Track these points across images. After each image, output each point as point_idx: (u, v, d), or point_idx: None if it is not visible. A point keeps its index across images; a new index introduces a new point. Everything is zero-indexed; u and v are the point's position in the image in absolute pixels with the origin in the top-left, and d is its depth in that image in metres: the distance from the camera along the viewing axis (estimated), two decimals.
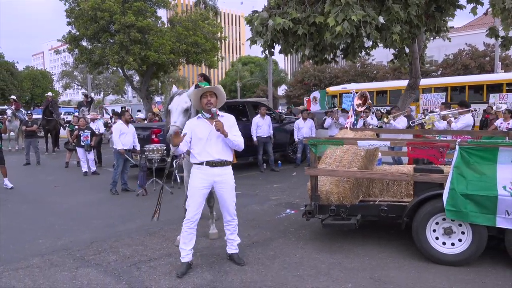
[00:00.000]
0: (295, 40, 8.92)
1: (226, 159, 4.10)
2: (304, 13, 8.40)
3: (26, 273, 4.18)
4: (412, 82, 11.89)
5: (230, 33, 78.70)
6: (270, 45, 9.24)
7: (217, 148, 4.04)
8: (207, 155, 4.02)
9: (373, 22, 7.79)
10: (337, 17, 7.60)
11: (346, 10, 7.57)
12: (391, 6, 7.99)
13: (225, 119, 4.10)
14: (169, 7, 21.80)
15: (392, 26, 8.17)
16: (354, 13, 7.47)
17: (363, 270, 4.09)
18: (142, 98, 23.59)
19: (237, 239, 4.35)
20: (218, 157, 4.03)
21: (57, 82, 55.65)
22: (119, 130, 8.02)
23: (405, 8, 8.32)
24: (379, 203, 4.88)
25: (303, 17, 8.37)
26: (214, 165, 4.03)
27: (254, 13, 9.34)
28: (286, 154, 12.25)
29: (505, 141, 4.66)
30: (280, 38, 8.94)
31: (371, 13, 7.79)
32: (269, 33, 8.58)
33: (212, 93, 4.10)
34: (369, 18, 7.75)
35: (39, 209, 7.05)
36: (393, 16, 8.09)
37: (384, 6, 8.24)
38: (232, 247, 4.34)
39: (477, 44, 27.53)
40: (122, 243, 5.10)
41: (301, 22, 8.38)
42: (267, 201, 7.36)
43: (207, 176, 4.04)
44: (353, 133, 5.80)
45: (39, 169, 12.01)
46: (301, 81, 34.43)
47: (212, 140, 4.03)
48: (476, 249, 4.06)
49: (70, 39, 20.46)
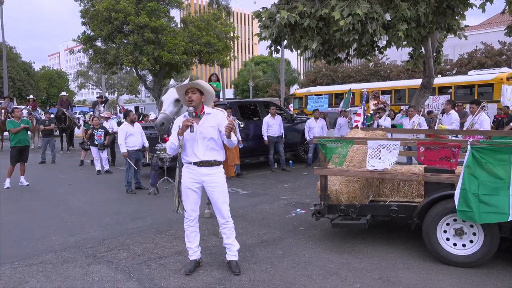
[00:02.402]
0: (303, 34, 8.87)
1: (214, 159, 3.94)
2: (313, 8, 8.35)
3: (39, 269, 4.26)
4: (425, 81, 11.76)
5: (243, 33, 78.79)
6: (277, 41, 9.22)
7: (202, 150, 3.88)
8: (194, 156, 3.91)
9: (379, 18, 7.72)
10: (342, 11, 7.55)
11: (352, 5, 7.52)
12: (399, 4, 7.91)
13: (211, 117, 3.94)
14: (182, 7, 21.97)
15: (399, 24, 8.08)
16: (359, 7, 7.42)
17: (372, 270, 4.07)
18: (155, 97, 23.82)
19: (235, 244, 4.09)
20: (204, 158, 3.89)
21: (72, 82, 56.50)
22: (125, 132, 8.02)
23: (414, 6, 8.22)
24: (389, 203, 4.84)
25: (312, 12, 8.33)
26: (202, 165, 3.91)
27: (263, 9, 9.35)
28: (298, 154, 12.24)
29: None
30: (286, 33, 8.90)
31: (377, 9, 7.72)
32: (276, 27, 8.54)
33: (194, 89, 3.89)
34: (375, 15, 7.68)
35: (52, 207, 7.18)
36: (400, 13, 7.99)
37: (392, 3, 8.16)
38: (230, 253, 4.08)
39: (493, 43, 27.06)
40: (133, 240, 5.16)
41: (309, 16, 8.34)
42: (278, 200, 7.37)
43: (196, 176, 3.94)
44: (364, 132, 5.77)
45: (54, 167, 12.21)
46: (313, 81, 34.27)
47: (197, 141, 3.88)
48: (488, 250, 4.00)
49: (85, 39, 20.80)
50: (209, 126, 3.91)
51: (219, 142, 3.98)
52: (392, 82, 22.06)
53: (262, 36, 8.91)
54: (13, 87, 36.47)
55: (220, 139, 3.97)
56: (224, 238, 4.12)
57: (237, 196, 7.69)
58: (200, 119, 3.92)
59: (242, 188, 8.45)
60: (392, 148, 4.48)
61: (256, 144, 10.57)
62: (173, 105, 4.53)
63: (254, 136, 10.66)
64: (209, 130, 3.90)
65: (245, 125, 10.41)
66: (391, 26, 8.22)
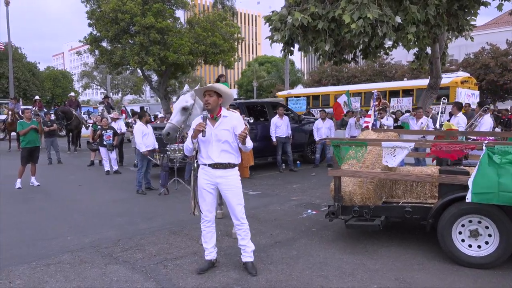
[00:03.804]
0: (315, 36, 8.88)
1: (228, 162, 3.95)
2: (324, 10, 8.37)
3: (58, 269, 4.31)
4: (432, 82, 11.77)
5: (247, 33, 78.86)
6: (289, 43, 9.23)
7: (217, 152, 3.91)
8: (209, 158, 3.94)
9: (390, 21, 7.73)
10: (353, 14, 7.57)
11: (362, 9, 7.53)
12: (408, 6, 7.92)
13: (227, 120, 3.96)
14: (187, 8, 22.02)
15: (408, 27, 8.09)
16: (369, 11, 7.44)
17: (388, 271, 4.09)
18: (160, 98, 23.91)
19: (250, 245, 4.11)
20: (218, 161, 3.91)
21: (77, 82, 56.72)
22: (141, 131, 8.15)
23: (424, 8, 8.23)
24: (403, 204, 4.87)
25: (323, 13, 8.34)
26: (216, 167, 3.93)
27: (273, 12, 9.36)
28: (305, 155, 12.27)
29: None
30: (299, 35, 8.91)
31: (388, 12, 7.73)
32: (288, 29, 8.56)
33: (211, 92, 3.92)
34: (386, 18, 7.69)
35: (64, 207, 7.24)
36: (409, 16, 8.00)
37: (401, 5, 8.17)
38: (246, 254, 4.11)
39: (498, 43, 26.98)
40: (147, 241, 5.20)
41: (321, 18, 8.35)
42: (288, 201, 7.40)
43: (210, 178, 3.97)
44: (376, 134, 5.79)
45: (62, 168, 12.29)
46: (318, 81, 34.26)
47: (212, 143, 3.91)
48: (503, 252, 4.02)
49: (91, 40, 20.87)
50: (224, 129, 3.92)
51: (234, 145, 3.99)
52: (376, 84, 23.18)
53: (274, 39, 8.92)
54: (18, 88, 36.63)
55: (235, 142, 3.97)
56: (239, 239, 4.14)
57: (248, 196, 7.70)
58: (216, 121, 3.95)
59: (252, 189, 8.48)
60: (406, 149, 4.51)
61: (264, 145, 10.60)
62: (180, 113, 4.54)
63: (262, 137, 10.69)
64: (224, 133, 3.92)
65: (253, 126, 10.44)
66: (400, 28, 8.23)
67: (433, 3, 8.20)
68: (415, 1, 8.24)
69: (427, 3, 8.26)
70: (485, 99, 26.48)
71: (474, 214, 4.13)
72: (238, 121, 4.04)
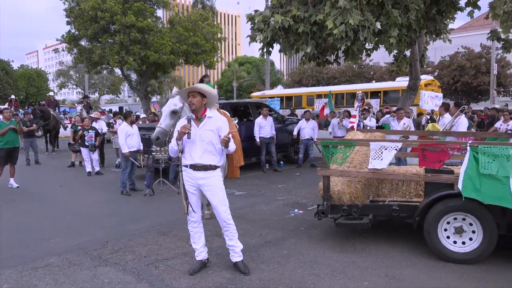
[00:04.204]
0: (297, 38, 8.99)
1: (209, 164, 3.93)
2: (307, 12, 8.48)
3: (46, 272, 4.24)
4: (412, 83, 12.04)
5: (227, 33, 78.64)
6: (269, 43, 9.31)
7: (199, 153, 3.90)
8: (191, 159, 3.93)
9: (371, 26, 7.91)
10: (335, 20, 7.71)
11: (345, 14, 7.68)
12: (390, 11, 8.11)
13: (212, 120, 3.95)
14: (168, 7, 21.85)
15: (390, 30, 8.29)
16: (352, 17, 7.59)
17: (377, 268, 4.19)
18: (140, 98, 23.63)
19: (238, 245, 4.12)
20: (200, 162, 3.90)
21: (52, 81, 55.41)
22: (125, 132, 8.04)
23: (405, 13, 8.45)
24: (390, 203, 4.99)
25: (306, 16, 8.45)
26: (197, 168, 3.92)
27: (256, 12, 9.42)
28: (288, 155, 12.36)
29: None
30: (280, 36, 9.01)
31: (369, 17, 7.91)
32: (270, 30, 8.64)
33: (195, 93, 3.90)
34: (367, 23, 7.87)
35: (48, 209, 7.10)
36: (391, 20, 8.20)
37: (383, 9, 8.36)
38: (235, 254, 4.12)
39: (473, 46, 27.82)
40: (136, 242, 5.16)
41: (303, 21, 8.46)
42: (274, 201, 7.45)
43: (192, 179, 3.98)
44: (363, 134, 5.91)
45: (40, 169, 12.02)
46: (298, 82, 34.55)
47: (196, 143, 3.89)
48: (486, 247, 4.18)
49: (70, 38, 20.46)
50: (209, 130, 3.92)
51: (218, 146, 3.95)
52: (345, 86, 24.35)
53: (256, 39, 8.97)
54: None
55: (219, 144, 3.93)
56: (227, 240, 4.15)
57: (233, 197, 7.73)
58: (200, 122, 3.95)
59: (237, 189, 8.51)
60: (393, 149, 4.63)
61: (248, 145, 10.61)
62: (169, 117, 4.53)
63: (246, 137, 10.70)
64: (208, 134, 3.91)
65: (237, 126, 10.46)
66: (382, 32, 8.42)
67: (414, 8, 8.42)
68: (397, 6, 8.44)
69: (408, 8, 8.48)
70: (460, 100, 27.29)
71: (459, 211, 4.27)
72: (223, 122, 4.03)
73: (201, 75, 11.63)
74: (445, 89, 28.91)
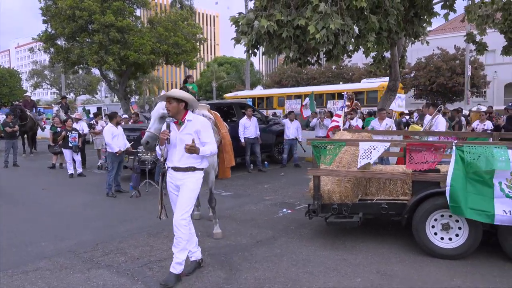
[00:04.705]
0: (280, 42, 9.11)
1: (188, 166, 3.93)
2: (290, 16, 8.60)
3: (37, 276, 4.17)
4: (391, 84, 12.32)
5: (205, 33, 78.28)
6: (254, 46, 9.40)
7: (178, 156, 3.92)
8: (171, 161, 3.99)
9: (350, 31, 8.10)
10: (317, 24, 7.88)
11: (326, 19, 7.85)
12: (369, 16, 8.32)
13: (191, 124, 3.94)
14: (148, 7, 21.62)
15: (368, 35, 8.50)
16: (333, 21, 7.76)
17: (369, 265, 4.31)
18: (120, 98, 23.28)
19: (179, 256, 3.88)
20: (178, 164, 3.94)
21: (26, 81, 53.93)
22: (111, 133, 7.94)
23: (385, 17, 8.68)
24: (378, 201, 5.12)
25: (288, 20, 8.57)
26: (177, 170, 3.97)
27: (240, 15, 9.48)
28: (272, 155, 12.44)
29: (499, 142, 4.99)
30: (264, 40, 9.11)
31: (349, 22, 8.10)
32: (254, 34, 8.73)
33: (170, 99, 3.90)
34: (347, 27, 8.06)
35: (33, 212, 6.95)
36: (369, 25, 8.42)
37: (362, 14, 8.56)
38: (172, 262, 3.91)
39: (448, 48, 28.62)
40: (127, 244, 5.13)
41: (287, 25, 8.58)
42: (262, 201, 7.51)
43: (174, 180, 4.01)
44: (350, 134, 6.03)
45: (20, 171, 11.73)
46: (278, 82, 34.75)
47: (176, 147, 3.93)
48: (472, 243, 4.35)
49: (46, 37, 19.99)
50: (187, 133, 3.92)
51: None
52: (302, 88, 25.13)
53: (240, 42, 9.03)
54: None
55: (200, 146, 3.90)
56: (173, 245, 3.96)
57: (221, 197, 7.75)
58: (181, 126, 3.96)
59: (224, 190, 8.53)
60: (381, 149, 4.75)
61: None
62: (158, 122, 4.49)
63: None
64: (187, 137, 3.90)
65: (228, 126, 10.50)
66: (361, 36, 8.62)
67: (393, 13, 8.64)
68: (377, 10, 8.65)
69: (388, 12, 8.71)
70: (436, 100, 28.05)
71: (445, 208, 4.42)
72: (202, 125, 3.99)
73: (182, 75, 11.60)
74: (421, 90, 29.68)
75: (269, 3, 8.90)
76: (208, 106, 5.67)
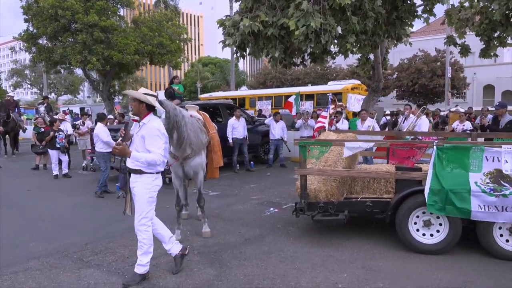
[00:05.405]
0: (266, 42, 9.23)
1: (134, 168, 3.91)
2: (275, 17, 8.73)
3: (27, 276, 4.18)
4: (375, 85, 12.57)
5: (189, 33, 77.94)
6: (241, 47, 9.50)
7: None
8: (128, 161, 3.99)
9: (332, 30, 8.26)
10: (298, 22, 8.02)
11: (307, 17, 7.99)
12: (350, 17, 8.50)
13: (144, 127, 3.91)
14: (133, 7, 21.51)
15: (348, 36, 8.69)
16: (313, 20, 7.92)
17: (355, 261, 4.45)
18: (103, 98, 23.09)
19: (142, 259, 3.95)
20: (129, 165, 3.97)
21: (5, 81, 52.86)
22: (105, 132, 7.96)
23: (363, 20, 8.88)
24: (363, 199, 5.27)
25: (274, 21, 8.70)
26: (130, 171, 3.99)
27: (227, 17, 9.58)
28: (258, 155, 12.55)
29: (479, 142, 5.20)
30: (250, 41, 9.21)
31: (331, 22, 8.25)
32: (239, 35, 8.83)
33: (132, 98, 3.95)
34: (329, 27, 8.21)
35: (19, 213, 6.90)
36: (350, 26, 8.60)
37: (344, 15, 8.74)
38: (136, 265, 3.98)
39: (429, 50, 29.21)
40: (116, 244, 5.16)
41: (272, 25, 8.70)
42: (249, 200, 7.61)
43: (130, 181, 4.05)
44: (336, 135, 6.18)
45: (2, 172, 11.55)
46: (263, 83, 34.91)
47: (132, 146, 3.98)
48: (452, 238, 4.54)
49: (28, 37, 19.70)
50: (141, 135, 3.92)
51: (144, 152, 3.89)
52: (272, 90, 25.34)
53: (226, 43, 9.12)
54: None
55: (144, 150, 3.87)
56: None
57: (208, 197, 7.81)
58: (140, 127, 3.97)
59: (211, 190, 8.59)
60: (366, 148, 4.92)
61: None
62: None
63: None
64: (137, 140, 3.93)
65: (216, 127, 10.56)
66: (342, 36, 8.79)
67: (372, 16, 8.85)
68: (357, 12, 8.84)
69: (366, 15, 8.91)
70: (418, 101, 28.59)
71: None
72: (148, 132, 3.87)
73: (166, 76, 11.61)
74: (404, 91, 30.21)
75: (255, 4, 9.03)
76: (197, 107, 5.75)
